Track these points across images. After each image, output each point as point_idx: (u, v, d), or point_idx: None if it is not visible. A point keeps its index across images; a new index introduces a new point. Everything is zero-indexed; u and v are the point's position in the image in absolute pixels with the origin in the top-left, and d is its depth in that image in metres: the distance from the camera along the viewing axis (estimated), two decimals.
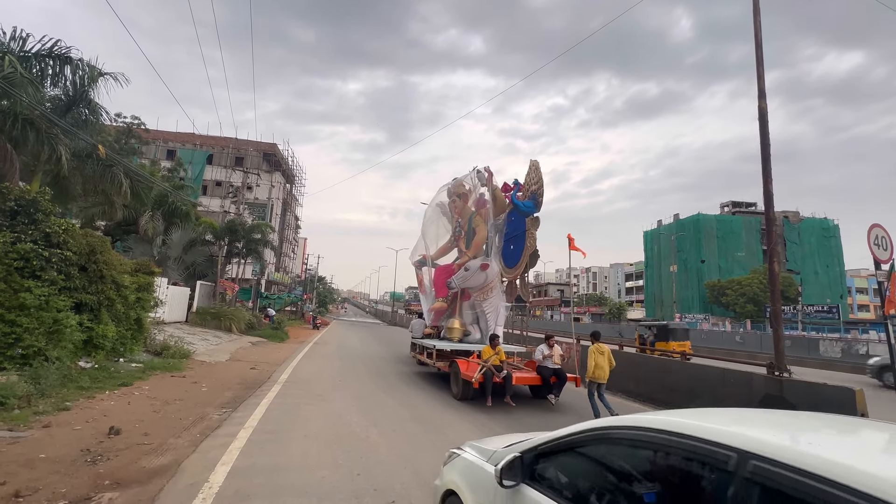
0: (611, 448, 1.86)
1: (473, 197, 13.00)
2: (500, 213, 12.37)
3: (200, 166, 40.74)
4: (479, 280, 11.59)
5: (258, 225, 20.76)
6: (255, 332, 18.83)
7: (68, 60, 9.08)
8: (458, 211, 13.40)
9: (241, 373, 10.17)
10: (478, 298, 11.84)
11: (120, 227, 19.74)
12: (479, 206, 12.69)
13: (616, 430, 1.85)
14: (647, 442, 1.68)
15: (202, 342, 13.98)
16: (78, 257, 7.85)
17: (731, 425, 1.58)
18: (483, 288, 11.67)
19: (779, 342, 7.01)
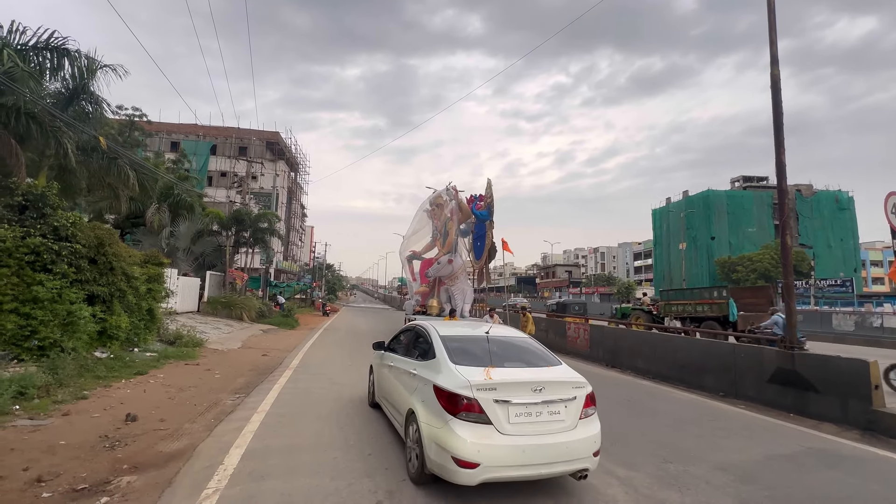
0: (406, 332, 5.50)
1: (448, 207, 16.54)
2: (466, 219, 16.71)
3: (204, 157, 40.77)
4: (448, 271, 15.40)
5: (264, 214, 20.82)
6: (265, 320, 19.08)
7: (66, 52, 8.99)
8: (436, 217, 17.42)
9: (253, 360, 10.34)
10: (449, 284, 15.60)
11: (128, 220, 19.92)
12: (452, 213, 16.31)
13: (410, 327, 5.56)
14: (411, 329, 5.35)
15: (214, 331, 14.21)
16: (87, 250, 7.93)
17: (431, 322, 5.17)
18: (451, 276, 15.51)
19: (791, 316, 6.91)
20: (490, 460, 3.36)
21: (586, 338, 12.47)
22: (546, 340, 14.72)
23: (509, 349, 4.35)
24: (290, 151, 45.77)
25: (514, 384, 3.66)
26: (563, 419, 3.65)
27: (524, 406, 3.55)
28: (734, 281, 57.18)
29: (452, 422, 3.46)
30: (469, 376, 3.64)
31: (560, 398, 3.66)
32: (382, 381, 5.56)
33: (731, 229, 65.45)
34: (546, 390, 3.65)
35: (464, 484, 3.37)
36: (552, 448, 3.53)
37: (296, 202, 50.85)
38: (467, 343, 4.29)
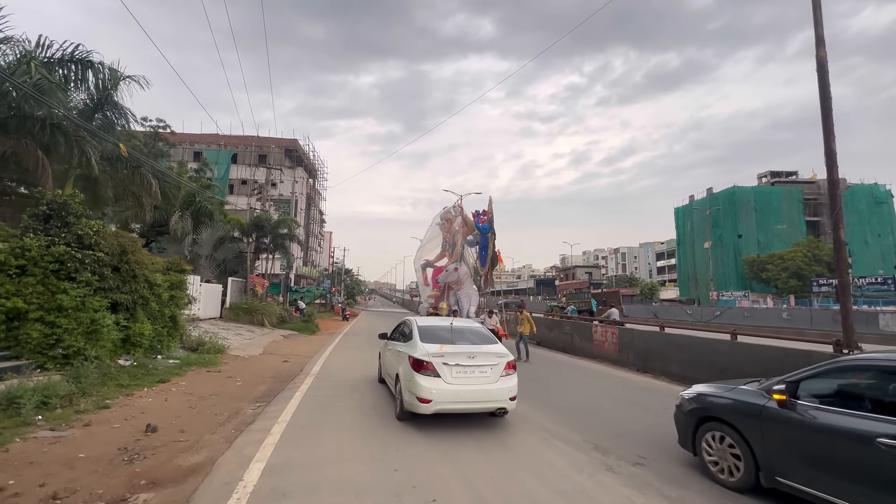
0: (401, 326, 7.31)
1: (456, 221, 19.11)
2: (470, 231, 18.96)
3: (226, 166, 41.63)
4: (454, 277, 17.78)
5: (283, 220, 20.96)
6: (286, 325, 19.13)
7: (90, 64, 9.13)
8: (446, 230, 19.73)
9: (274, 366, 10.24)
10: (456, 289, 17.95)
11: (153, 228, 20.34)
12: (459, 227, 18.85)
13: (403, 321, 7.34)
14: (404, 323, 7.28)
15: (236, 337, 14.25)
16: (110, 258, 7.96)
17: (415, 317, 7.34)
18: (457, 282, 17.85)
19: (847, 316, 6.35)
20: (439, 398, 5.32)
21: (614, 342, 11.95)
22: (571, 345, 14.28)
23: (463, 334, 6.30)
24: (308, 158, 46.35)
25: (456, 353, 5.60)
26: (489, 376, 5.60)
27: (461, 367, 5.51)
28: (764, 280, 55.02)
29: (416, 376, 5.44)
30: (429, 349, 5.65)
31: (487, 363, 5.63)
32: (385, 361, 7.64)
33: (759, 227, 62.99)
34: (477, 357, 5.62)
35: (423, 413, 5.37)
36: (480, 393, 5.53)
37: (314, 208, 51.44)
38: (435, 330, 6.27)
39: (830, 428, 3.20)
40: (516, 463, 4.53)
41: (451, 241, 19.02)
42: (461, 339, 6.09)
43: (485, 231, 18.54)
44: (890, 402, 3.07)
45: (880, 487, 2.88)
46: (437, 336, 6.05)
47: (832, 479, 3.18)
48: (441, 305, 17.89)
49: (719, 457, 4.05)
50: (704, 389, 4.48)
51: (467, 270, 18.26)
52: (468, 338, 6.19)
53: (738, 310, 27.97)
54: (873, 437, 2.90)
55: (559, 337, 15.28)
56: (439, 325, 6.51)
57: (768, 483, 3.62)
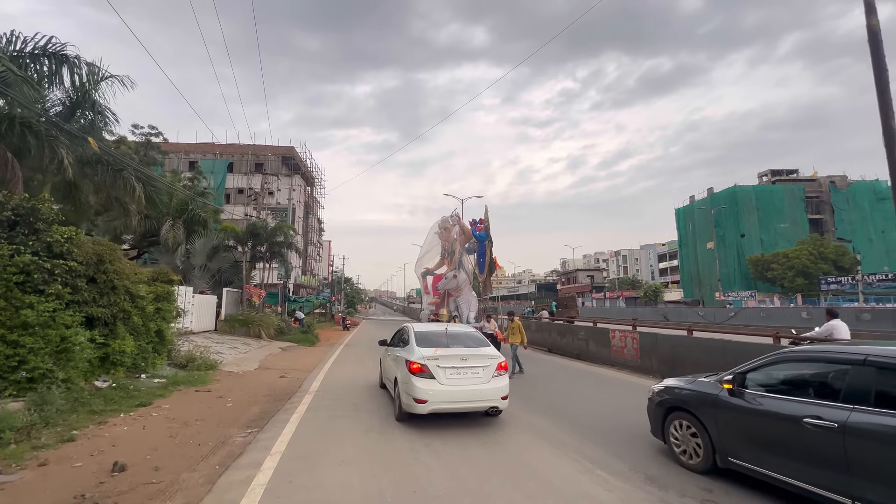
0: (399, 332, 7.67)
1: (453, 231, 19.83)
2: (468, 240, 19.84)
3: (222, 175, 40.95)
4: (453, 284, 18.64)
5: (280, 226, 20.19)
6: (284, 337, 18.29)
7: (64, 59, 8.42)
8: (444, 239, 20.46)
9: (270, 382, 9.41)
10: (455, 295, 18.75)
11: (144, 239, 19.56)
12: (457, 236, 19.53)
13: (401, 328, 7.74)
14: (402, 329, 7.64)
15: (230, 351, 13.41)
16: (85, 268, 7.18)
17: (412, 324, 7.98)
18: (456, 288, 18.69)
19: None
20: (434, 399, 5.62)
21: (635, 347, 11.15)
22: (586, 351, 13.47)
23: (457, 338, 6.57)
24: (305, 166, 45.71)
25: (450, 356, 5.86)
26: (481, 377, 5.89)
27: (455, 369, 5.80)
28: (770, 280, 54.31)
29: (413, 378, 5.75)
30: (425, 353, 5.92)
31: (479, 365, 5.92)
32: (385, 366, 8.00)
33: (761, 226, 62.40)
34: (470, 360, 5.90)
35: (420, 412, 5.67)
36: (472, 393, 5.79)
37: (313, 216, 50.70)
38: (431, 335, 6.56)
39: (769, 412, 3.64)
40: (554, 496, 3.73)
41: (450, 249, 19.89)
42: (456, 343, 6.39)
43: (481, 239, 19.68)
44: (823, 387, 3.48)
45: (811, 462, 3.25)
46: (433, 341, 6.34)
47: (773, 458, 3.55)
48: (442, 312, 18.77)
49: (683, 442, 4.48)
50: (672, 383, 4.91)
51: (466, 277, 19.16)
52: (462, 341, 6.51)
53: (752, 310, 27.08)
54: (800, 418, 3.32)
55: (572, 343, 14.47)
56: (435, 331, 6.84)
57: (723, 464, 4.03)
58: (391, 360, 7.19)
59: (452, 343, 6.33)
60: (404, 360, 6.09)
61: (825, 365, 3.57)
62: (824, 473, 3.15)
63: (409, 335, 6.68)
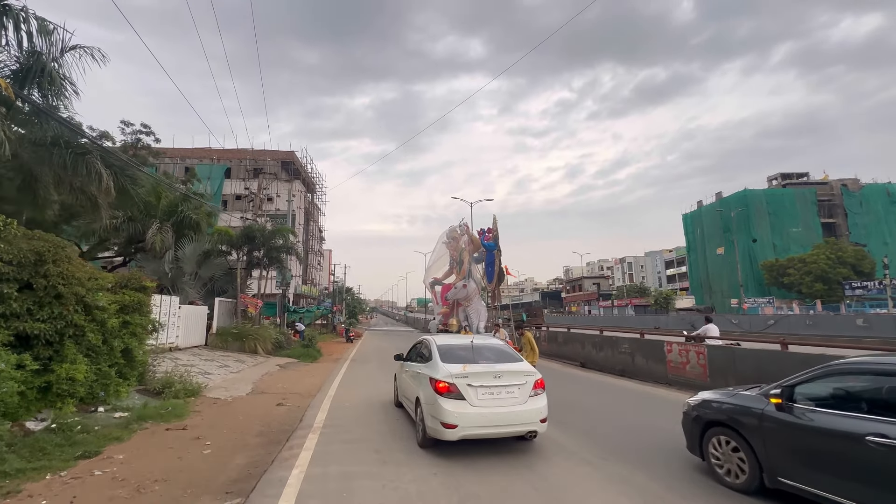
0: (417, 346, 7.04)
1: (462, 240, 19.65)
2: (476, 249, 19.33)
3: (219, 181, 39.38)
4: (463, 294, 18.15)
5: (279, 230, 18.44)
6: (283, 351, 16.44)
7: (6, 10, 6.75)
8: (452, 249, 20.19)
9: (264, 413, 7.58)
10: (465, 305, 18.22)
11: (130, 244, 17.83)
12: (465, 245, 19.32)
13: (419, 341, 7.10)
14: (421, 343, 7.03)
15: (220, 370, 11.57)
16: (16, 269, 5.42)
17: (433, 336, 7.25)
18: (466, 298, 18.17)
19: None
20: (465, 423, 5.04)
21: (702, 363, 9.33)
22: (631, 367, 11.64)
23: (485, 352, 6.03)
24: (305, 171, 44.17)
25: (481, 373, 5.32)
26: (517, 396, 5.30)
27: (487, 388, 5.24)
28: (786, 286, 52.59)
29: (440, 399, 5.16)
30: (452, 370, 5.39)
31: (514, 383, 5.35)
32: (402, 383, 7.23)
33: (773, 230, 60.86)
34: (504, 377, 5.34)
35: (448, 439, 5.05)
36: (508, 415, 5.20)
37: (313, 223, 49.02)
38: (455, 349, 6.04)
39: (824, 429, 3.36)
40: None
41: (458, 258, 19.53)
42: (483, 357, 5.87)
43: (490, 248, 19.19)
44: (880, 402, 3.19)
45: (874, 483, 2.97)
46: (458, 355, 5.81)
47: (830, 478, 3.27)
48: (451, 322, 18.12)
49: (725, 460, 4.19)
50: (709, 396, 4.63)
51: (475, 287, 18.78)
52: (491, 356, 5.96)
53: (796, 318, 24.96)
54: (862, 435, 3.03)
55: (612, 357, 12.64)
56: (459, 344, 6.31)
57: (771, 484, 3.74)
58: (409, 376, 6.66)
59: (480, 358, 5.77)
60: (427, 377, 5.51)
61: (885, 378, 3.24)
62: (889, 497, 2.86)
63: (430, 349, 6.10)
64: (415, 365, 6.47)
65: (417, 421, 5.73)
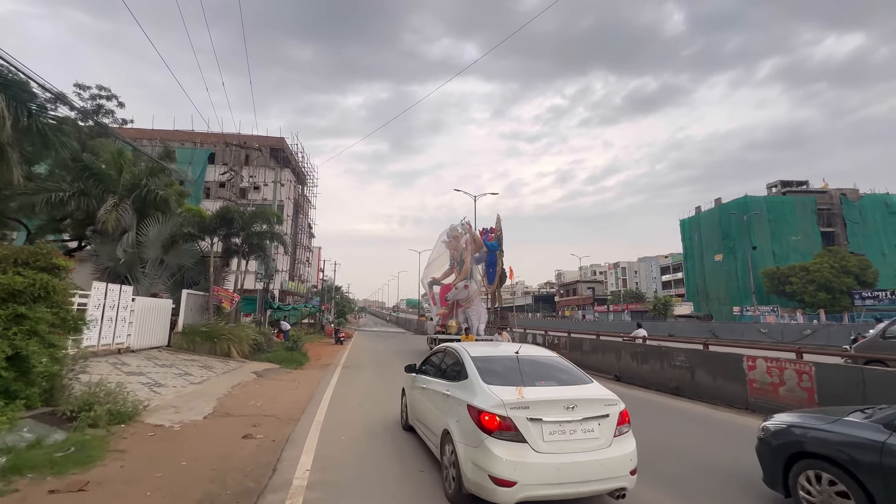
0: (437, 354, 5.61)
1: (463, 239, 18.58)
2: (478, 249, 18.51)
3: (202, 166, 36.59)
4: (464, 295, 17.09)
5: (261, 212, 15.91)
6: (262, 355, 13.94)
7: None
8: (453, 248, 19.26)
9: (221, 454, 5.20)
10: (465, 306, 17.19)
11: (85, 225, 15.19)
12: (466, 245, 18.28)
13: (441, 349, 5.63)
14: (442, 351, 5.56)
15: (178, 380, 9.10)
16: None
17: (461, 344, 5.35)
18: (467, 299, 17.14)
19: None
20: (527, 478, 3.46)
21: (807, 386, 7.19)
22: (690, 384, 9.48)
23: (539, 368, 4.52)
24: (296, 160, 41.51)
25: (547, 402, 3.78)
26: (598, 437, 3.74)
27: (558, 424, 3.68)
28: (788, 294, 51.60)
29: (488, 440, 3.59)
30: (502, 395, 3.79)
31: (593, 415, 3.78)
32: (415, 402, 5.79)
33: (773, 238, 60.03)
34: (579, 408, 3.75)
35: (502, 502, 3.45)
36: (588, 466, 3.60)
37: (303, 216, 46.28)
38: (498, 363, 4.52)
39: None
40: None
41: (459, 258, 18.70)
42: (538, 375, 4.30)
43: (493, 248, 18.61)
44: None
45: None
46: (502, 373, 4.26)
47: None
48: (450, 323, 17.51)
49: (821, 500, 3.52)
50: (795, 420, 3.98)
51: (477, 288, 18.03)
52: (548, 373, 4.40)
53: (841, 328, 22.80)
54: None
55: (662, 371, 10.48)
56: (499, 356, 4.75)
57: None
58: (427, 396, 5.25)
59: (535, 377, 4.28)
60: (464, 404, 4.04)
61: None
62: None
63: (462, 362, 4.65)
64: (436, 382, 5.04)
65: (446, 465, 4.17)
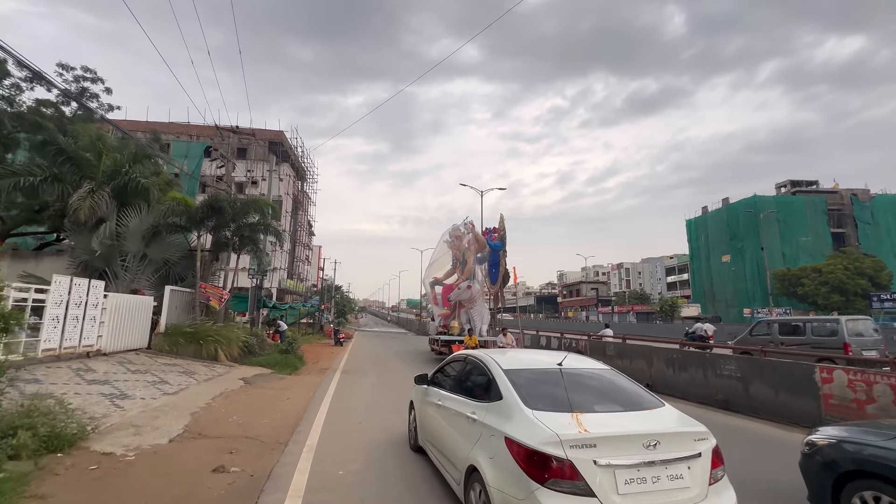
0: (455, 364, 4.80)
1: (466, 239, 18.33)
2: (481, 249, 18.40)
3: (198, 160, 35.35)
4: (467, 295, 17.08)
5: (254, 201, 14.59)
6: (254, 358, 12.65)
7: None
8: (455, 248, 18.81)
9: (181, 496, 3.91)
10: (468, 307, 17.21)
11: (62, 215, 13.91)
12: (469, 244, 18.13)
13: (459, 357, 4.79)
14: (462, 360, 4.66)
15: (148, 389, 7.81)
16: None
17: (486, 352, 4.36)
18: (470, 300, 17.15)
19: None
20: None
21: None
22: (744, 397, 8.18)
23: (593, 386, 3.58)
24: (295, 155, 40.25)
25: (619, 438, 2.81)
26: (688, 485, 2.78)
27: (636, 468, 2.71)
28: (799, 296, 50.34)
29: (540, 492, 2.63)
30: (556, 427, 2.80)
31: (682, 456, 2.82)
32: (428, 421, 4.77)
33: (783, 239, 58.71)
34: (662, 445, 2.77)
35: None
36: None
37: (302, 213, 45.00)
38: (539, 379, 3.57)
39: None
40: None
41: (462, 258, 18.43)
42: (591, 395, 3.38)
43: (496, 248, 18.32)
44: None
45: None
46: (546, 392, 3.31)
47: None
48: (453, 324, 17.38)
49: None
50: (845, 435, 3.58)
51: (479, 288, 17.79)
52: (603, 393, 3.46)
53: None
54: None
55: (706, 382, 9.16)
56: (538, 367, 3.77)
57: None
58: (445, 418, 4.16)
59: (592, 398, 3.27)
60: (502, 436, 2.98)
61: None
62: None
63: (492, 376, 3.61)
64: (458, 400, 4.04)
65: None
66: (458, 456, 3.65)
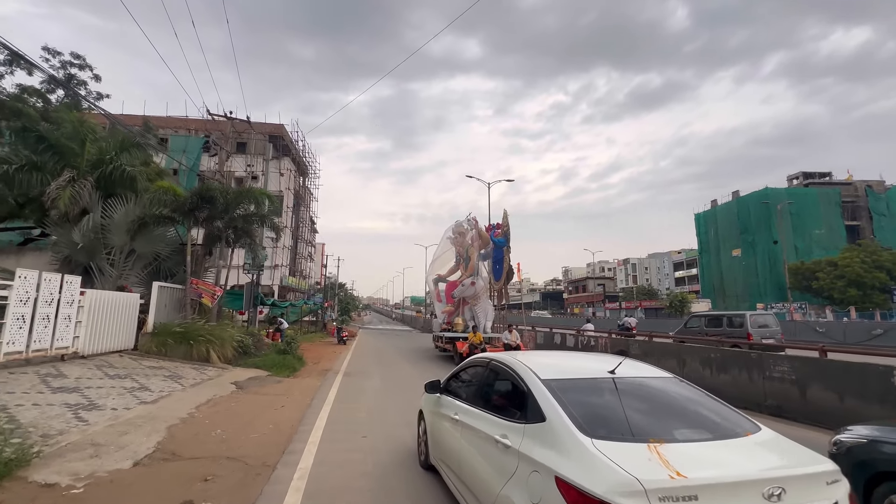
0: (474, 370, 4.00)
1: (469, 235, 18.40)
2: (485, 245, 18.47)
3: (196, 155, 34.50)
4: (471, 292, 17.54)
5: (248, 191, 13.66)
6: (249, 359, 11.75)
7: None
8: (458, 244, 18.96)
9: None
10: (472, 303, 17.63)
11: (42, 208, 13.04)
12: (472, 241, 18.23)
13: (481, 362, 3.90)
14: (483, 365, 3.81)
15: (124, 398, 6.89)
16: None
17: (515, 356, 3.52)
18: (473, 296, 17.62)
19: None
20: None
21: None
22: (801, 403, 7.18)
23: (663, 403, 2.74)
24: (296, 149, 39.33)
25: (729, 485, 1.95)
26: None
27: None
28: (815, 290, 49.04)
29: None
30: (634, 468, 1.95)
31: None
32: (441, 436, 3.96)
33: (795, 232, 57.20)
34: (789, 495, 1.94)
35: None
36: None
37: (304, 209, 44.10)
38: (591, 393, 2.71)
39: None
40: None
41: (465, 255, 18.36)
42: (671, 417, 2.60)
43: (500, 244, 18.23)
44: None
45: None
46: (607, 413, 2.51)
47: None
48: (456, 321, 17.28)
49: None
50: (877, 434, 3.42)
51: (483, 284, 17.77)
52: (683, 413, 2.66)
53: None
54: None
55: (751, 385, 8.15)
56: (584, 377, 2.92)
57: None
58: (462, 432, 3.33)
59: (666, 420, 2.53)
60: (552, 475, 2.14)
61: None
62: None
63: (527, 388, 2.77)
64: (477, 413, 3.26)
65: None
66: (483, 489, 2.83)
